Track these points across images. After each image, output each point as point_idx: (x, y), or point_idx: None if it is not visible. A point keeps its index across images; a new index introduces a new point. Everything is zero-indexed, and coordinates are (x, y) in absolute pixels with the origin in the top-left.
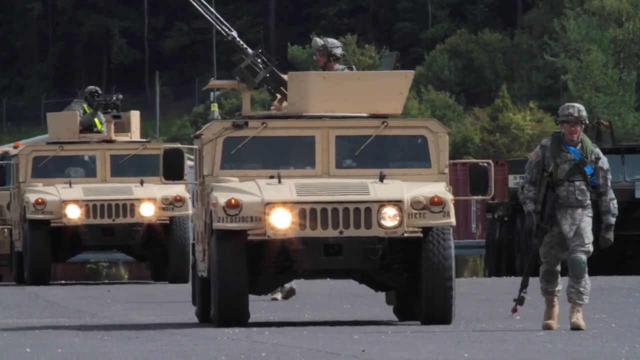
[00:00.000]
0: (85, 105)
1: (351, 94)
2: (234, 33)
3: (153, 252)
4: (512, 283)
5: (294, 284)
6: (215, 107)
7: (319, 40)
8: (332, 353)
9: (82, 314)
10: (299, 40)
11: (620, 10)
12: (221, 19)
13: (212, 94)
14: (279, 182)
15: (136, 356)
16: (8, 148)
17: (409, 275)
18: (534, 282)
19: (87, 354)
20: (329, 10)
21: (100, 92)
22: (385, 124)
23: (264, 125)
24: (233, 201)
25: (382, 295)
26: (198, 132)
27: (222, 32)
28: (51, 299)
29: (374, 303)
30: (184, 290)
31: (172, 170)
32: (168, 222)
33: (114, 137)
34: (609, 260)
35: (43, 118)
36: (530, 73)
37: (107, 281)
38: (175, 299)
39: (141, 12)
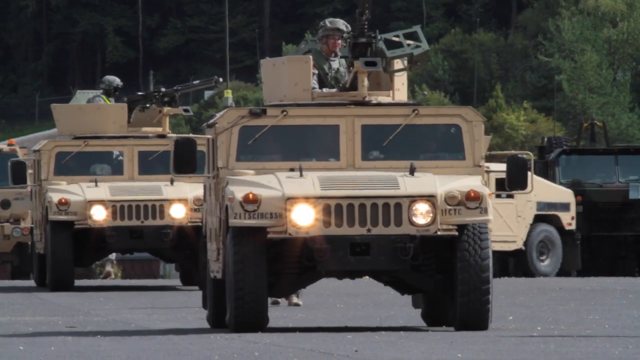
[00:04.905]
0: (104, 97)
1: (404, 82)
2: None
3: (183, 255)
4: (505, 284)
5: (300, 300)
6: (229, 94)
7: (341, 22)
8: (325, 353)
9: (75, 312)
10: (293, 39)
11: (615, 10)
12: None
13: (205, 92)
14: (301, 175)
15: (129, 355)
16: (2, 145)
17: (442, 277)
18: (523, 283)
19: (80, 352)
20: (324, 10)
21: (120, 85)
22: (416, 112)
23: (284, 113)
24: (251, 196)
25: (374, 294)
26: (211, 121)
27: (366, 8)
28: (44, 297)
29: (368, 302)
30: (178, 290)
31: (184, 162)
32: (200, 224)
33: (168, 132)
34: (602, 261)
35: (37, 116)
36: (524, 73)
37: (100, 279)
38: (169, 298)
39: (135, 11)
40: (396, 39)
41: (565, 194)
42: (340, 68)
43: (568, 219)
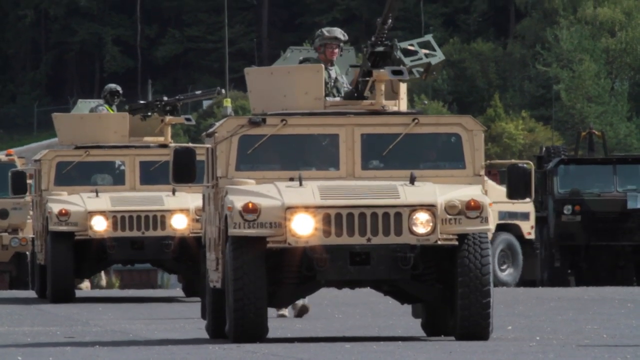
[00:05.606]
0: (107, 106)
1: (405, 91)
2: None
3: (185, 266)
4: (503, 293)
5: (307, 300)
6: (228, 103)
7: (339, 30)
8: None
9: (74, 322)
10: None
11: (613, 20)
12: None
13: (204, 102)
14: (300, 184)
15: None
16: (0, 156)
17: (442, 286)
18: (526, 293)
19: None
20: (322, 19)
21: (121, 91)
22: (416, 121)
23: (284, 122)
24: (250, 205)
25: (373, 304)
26: (211, 130)
27: (388, 18)
28: (43, 307)
29: (366, 312)
30: (177, 300)
31: (183, 171)
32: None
33: (170, 142)
34: (601, 270)
35: (35, 126)
36: (522, 82)
37: (98, 289)
38: (167, 308)
39: (134, 20)
40: (411, 47)
41: (525, 204)
42: (338, 77)
43: (528, 228)
